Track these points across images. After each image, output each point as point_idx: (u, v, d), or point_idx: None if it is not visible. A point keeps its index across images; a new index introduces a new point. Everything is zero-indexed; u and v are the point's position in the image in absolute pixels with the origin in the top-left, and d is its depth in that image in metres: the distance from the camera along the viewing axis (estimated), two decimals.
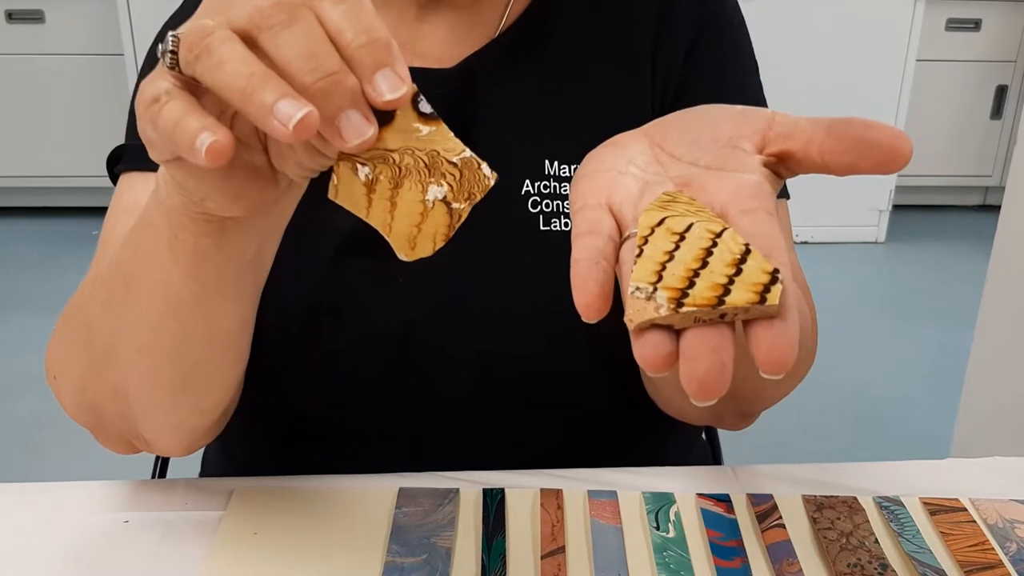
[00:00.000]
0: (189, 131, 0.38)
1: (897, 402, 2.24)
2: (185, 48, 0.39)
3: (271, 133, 0.37)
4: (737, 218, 0.38)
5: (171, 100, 0.39)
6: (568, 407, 0.71)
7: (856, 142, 0.38)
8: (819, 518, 0.63)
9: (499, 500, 0.64)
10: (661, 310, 0.34)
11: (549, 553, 0.59)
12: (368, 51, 0.39)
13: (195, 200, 0.46)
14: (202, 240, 0.49)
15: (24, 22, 2.95)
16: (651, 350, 0.34)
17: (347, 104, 0.38)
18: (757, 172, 0.40)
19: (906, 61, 2.95)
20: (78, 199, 3.15)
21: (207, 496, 0.64)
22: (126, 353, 0.57)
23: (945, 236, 3.17)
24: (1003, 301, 1.53)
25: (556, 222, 0.68)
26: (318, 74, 0.38)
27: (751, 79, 0.73)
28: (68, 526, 0.62)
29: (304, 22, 0.38)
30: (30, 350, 2.35)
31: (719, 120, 0.43)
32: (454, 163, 0.42)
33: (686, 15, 0.71)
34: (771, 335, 0.34)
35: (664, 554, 0.59)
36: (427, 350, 0.68)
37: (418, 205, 0.41)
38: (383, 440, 0.71)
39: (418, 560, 0.58)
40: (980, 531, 0.62)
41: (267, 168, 0.45)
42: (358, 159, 0.41)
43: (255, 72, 0.37)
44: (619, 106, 0.70)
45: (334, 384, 0.69)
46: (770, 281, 0.35)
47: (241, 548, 0.59)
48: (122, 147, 0.72)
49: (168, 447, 0.64)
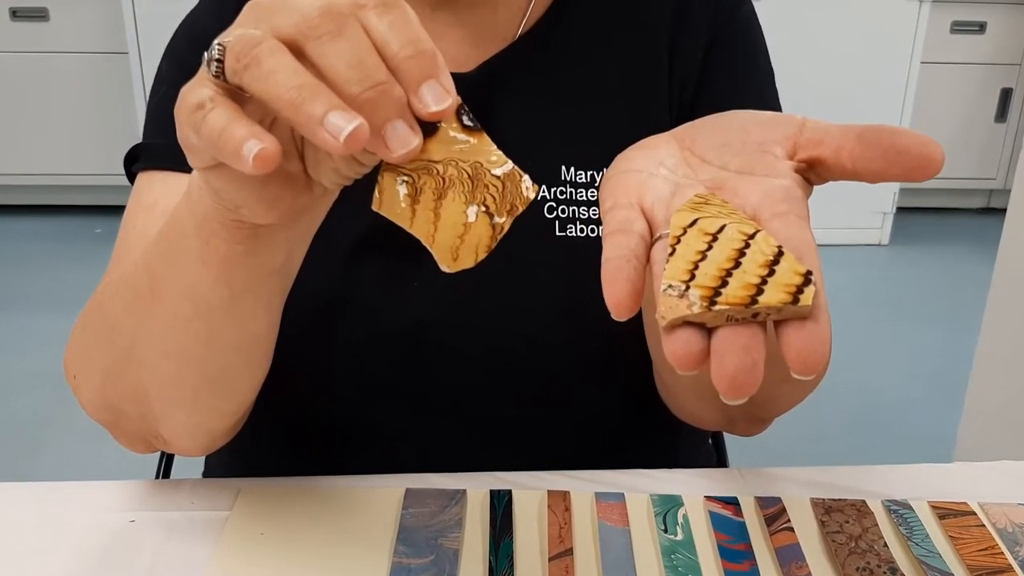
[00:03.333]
0: (236, 138, 0.38)
1: (901, 404, 2.24)
2: (232, 57, 0.39)
3: (321, 145, 0.37)
4: (768, 221, 0.38)
5: (216, 107, 0.39)
6: (577, 409, 0.70)
7: (887, 149, 0.38)
8: (828, 521, 0.62)
9: (506, 501, 0.63)
10: (694, 307, 0.35)
11: (557, 555, 0.59)
12: (414, 62, 0.39)
13: (229, 208, 0.46)
14: (234, 247, 0.49)
15: (28, 20, 2.96)
16: (682, 346, 0.34)
17: (394, 114, 0.38)
18: (788, 177, 0.40)
19: (911, 63, 2.95)
20: (82, 197, 3.16)
21: (213, 496, 0.64)
22: (150, 356, 0.57)
23: (949, 239, 3.17)
24: (1008, 304, 1.53)
25: (571, 228, 0.68)
26: (366, 84, 0.38)
27: (767, 83, 0.73)
28: (74, 526, 0.62)
29: (351, 32, 0.38)
30: (33, 348, 2.36)
31: (749, 125, 0.43)
32: (497, 175, 0.41)
33: (703, 17, 0.71)
34: (803, 335, 0.34)
35: (672, 557, 0.59)
36: (438, 350, 0.68)
37: (461, 216, 0.41)
38: (391, 439, 0.71)
39: (425, 561, 0.58)
40: (989, 535, 0.62)
41: (302, 176, 0.45)
42: (402, 170, 0.41)
43: (304, 83, 0.37)
44: (636, 112, 0.70)
45: (344, 382, 0.69)
46: (803, 283, 0.35)
47: (247, 548, 0.59)
48: (140, 146, 0.71)
49: (187, 447, 0.63)
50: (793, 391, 0.65)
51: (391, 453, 0.71)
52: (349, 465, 0.68)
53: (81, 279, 2.80)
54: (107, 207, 3.13)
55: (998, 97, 3.22)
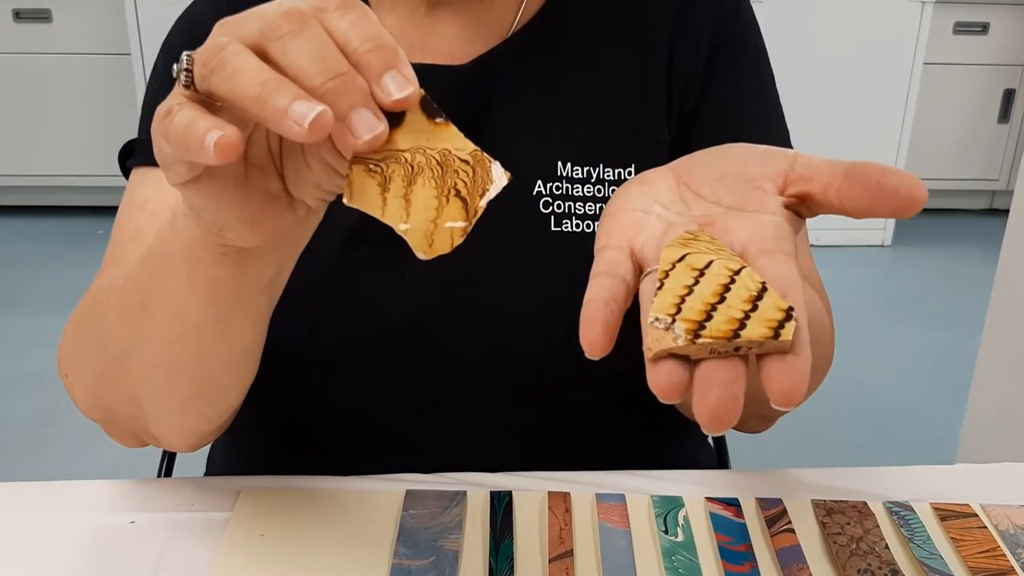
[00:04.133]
0: (199, 131, 0.39)
1: (903, 405, 2.23)
2: (199, 64, 0.40)
3: (287, 134, 0.38)
4: (756, 258, 0.39)
5: (182, 109, 0.40)
6: (575, 406, 0.70)
7: (873, 189, 0.39)
8: (829, 523, 0.62)
9: (506, 503, 0.63)
10: (679, 340, 0.36)
11: (557, 556, 0.58)
12: (375, 55, 0.40)
13: (213, 231, 0.46)
14: (220, 271, 0.50)
15: (31, 21, 2.96)
16: (665, 378, 0.36)
17: (357, 102, 0.39)
18: (778, 213, 0.41)
19: (913, 64, 2.94)
20: (85, 198, 3.16)
21: (214, 496, 0.64)
22: (140, 366, 0.58)
23: (952, 240, 3.16)
24: (1010, 305, 1.52)
25: (567, 223, 0.68)
26: (328, 75, 0.39)
27: (769, 85, 0.74)
28: (75, 526, 0.61)
29: (312, 31, 0.40)
30: (34, 348, 2.36)
31: (744, 159, 0.44)
32: (465, 160, 0.42)
33: (706, 20, 0.71)
34: (783, 369, 0.35)
35: (673, 558, 0.59)
36: (434, 346, 0.68)
37: (433, 201, 0.41)
38: (388, 436, 0.71)
39: (425, 563, 0.58)
40: (991, 537, 0.62)
41: (283, 195, 0.46)
42: (370, 160, 0.41)
43: (268, 79, 0.39)
44: (632, 108, 0.70)
45: (340, 379, 0.69)
46: (784, 318, 0.36)
47: (248, 549, 0.59)
48: (134, 141, 0.72)
49: (176, 445, 0.65)
50: None
51: (388, 449, 0.71)
52: (347, 461, 0.68)
53: (84, 280, 2.79)
54: (110, 208, 3.10)
55: (1001, 98, 3.21)
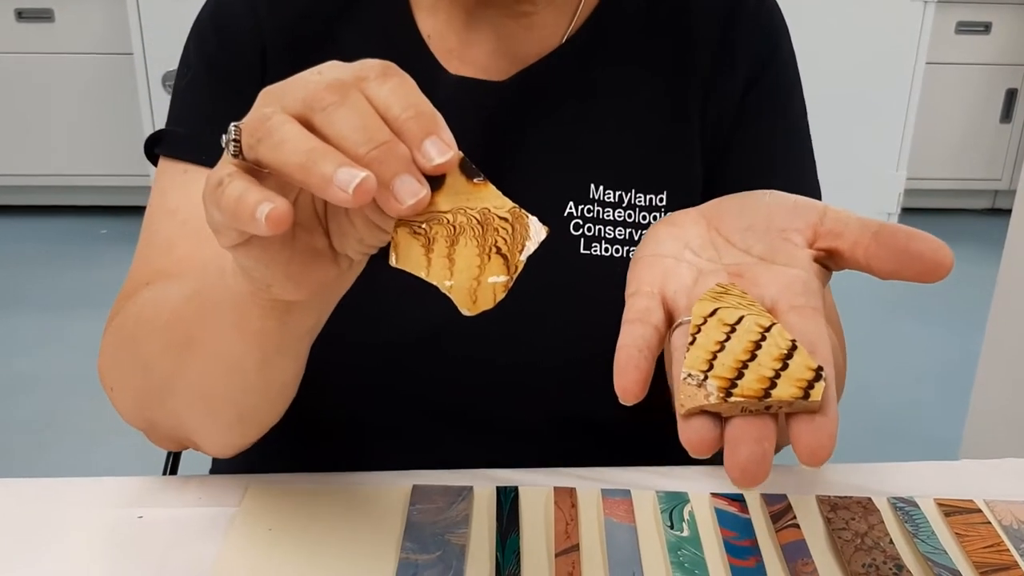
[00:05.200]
0: (250, 203, 0.40)
1: (906, 405, 2.24)
2: (247, 134, 0.42)
3: (333, 200, 0.39)
4: (785, 313, 0.40)
5: (233, 180, 0.41)
6: (589, 422, 0.70)
7: (900, 252, 0.40)
8: (833, 518, 0.62)
9: (513, 498, 0.63)
10: (711, 398, 0.37)
11: (563, 551, 0.59)
12: (416, 122, 0.41)
13: (261, 288, 0.48)
14: (267, 322, 0.52)
15: (34, 21, 2.96)
16: (698, 435, 0.37)
17: (401, 170, 0.40)
18: (807, 268, 0.42)
19: (915, 64, 2.94)
20: (87, 198, 3.16)
21: (221, 492, 0.64)
22: (184, 394, 0.60)
23: (954, 239, 3.11)
24: (1013, 304, 1.52)
25: (596, 247, 0.68)
26: (371, 144, 0.40)
27: (801, 126, 0.74)
28: (83, 521, 0.62)
29: (354, 101, 0.41)
30: (37, 348, 2.36)
31: (773, 209, 0.44)
32: (504, 217, 0.43)
33: (746, 54, 0.71)
34: (812, 429, 0.36)
35: (679, 553, 0.59)
36: (454, 358, 0.68)
37: (475, 259, 0.42)
38: (402, 444, 0.71)
39: (432, 557, 0.58)
40: (995, 532, 0.62)
41: (328, 251, 0.47)
42: (415, 223, 0.42)
43: (314, 148, 0.40)
44: (666, 135, 0.70)
45: (359, 386, 0.70)
46: (814, 378, 0.37)
47: (255, 544, 0.59)
48: (163, 130, 0.72)
49: (215, 453, 0.67)
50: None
51: (402, 456, 0.71)
52: (357, 465, 0.68)
53: (87, 279, 2.83)
54: (112, 207, 3.14)
55: (1003, 97, 3.21)
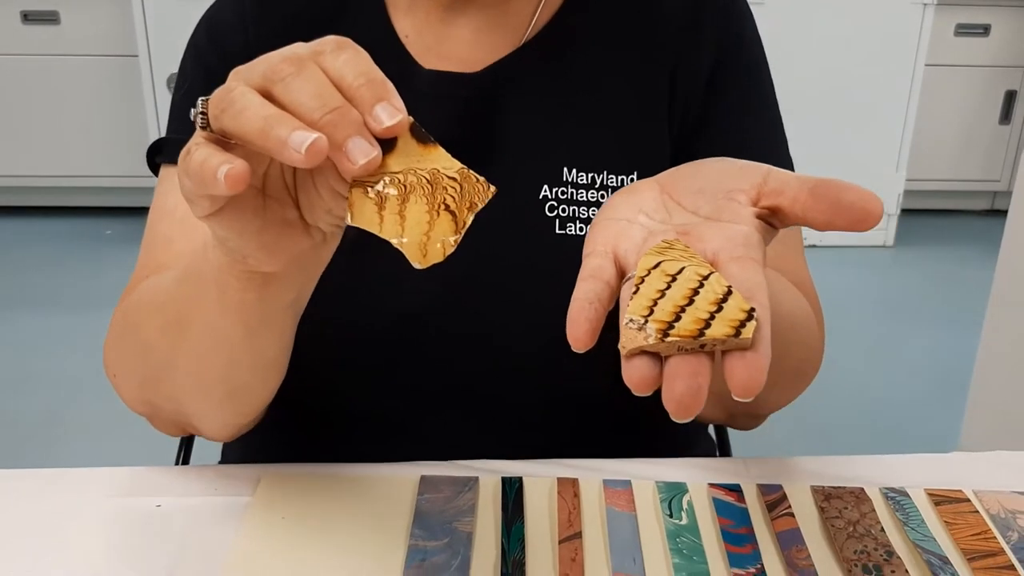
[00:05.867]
0: (212, 165, 0.43)
1: (904, 404, 2.25)
2: (213, 106, 0.45)
3: (288, 161, 0.42)
4: (726, 264, 0.42)
5: (199, 148, 0.45)
6: (578, 397, 0.73)
7: (833, 203, 0.43)
8: (827, 507, 0.65)
9: (517, 488, 0.66)
10: (650, 339, 0.39)
11: (566, 538, 0.61)
12: (367, 89, 0.44)
13: (238, 259, 0.51)
14: (247, 294, 0.55)
15: (39, 23, 2.98)
16: (638, 373, 0.40)
17: (352, 132, 0.44)
18: (749, 223, 0.44)
19: (915, 66, 2.96)
20: (93, 199, 3.18)
21: (235, 482, 0.67)
22: (180, 373, 0.63)
23: (953, 240, 3.18)
24: (1009, 304, 1.54)
25: (571, 226, 0.70)
26: (325, 109, 0.43)
27: (770, 104, 0.76)
28: (103, 509, 0.64)
29: (310, 71, 0.44)
30: (43, 347, 2.39)
31: (723, 173, 0.47)
32: (453, 177, 0.46)
33: (711, 38, 0.73)
34: (744, 365, 0.38)
35: (677, 540, 0.61)
36: (442, 338, 0.71)
37: (425, 216, 0.45)
38: (397, 428, 0.74)
39: (440, 543, 0.60)
40: (983, 521, 0.64)
41: (299, 222, 0.50)
42: (367, 183, 0.45)
43: (271, 114, 0.43)
44: (636, 119, 0.72)
45: (351, 371, 0.72)
46: (746, 318, 0.39)
47: (269, 531, 0.62)
48: (162, 140, 0.75)
49: (215, 436, 0.71)
50: (782, 393, 0.70)
51: (396, 440, 0.73)
52: (357, 448, 0.70)
53: (92, 280, 2.85)
54: (117, 208, 3.17)
55: (1002, 99, 3.23)
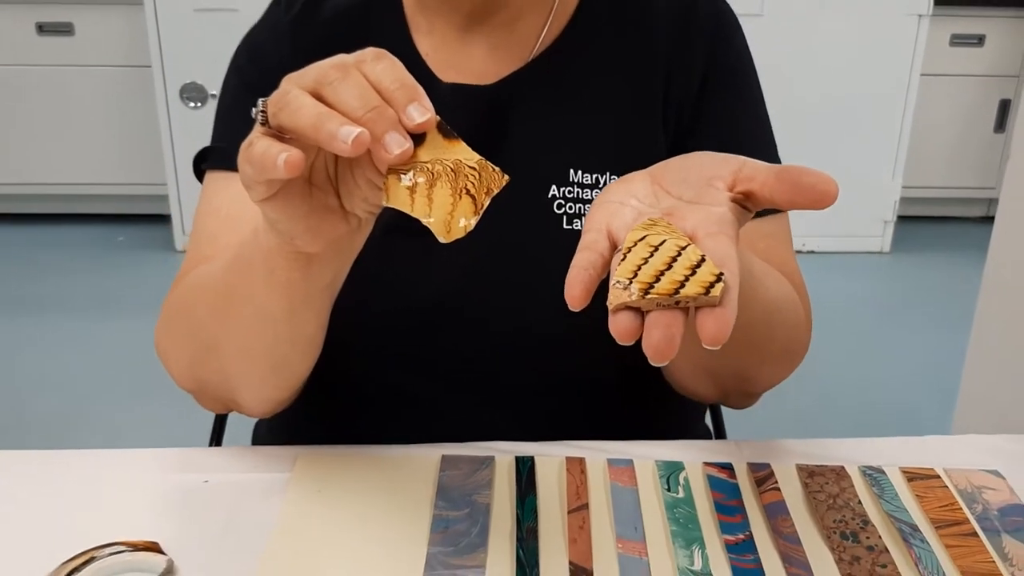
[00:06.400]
0: (272, 153, 0.52)
1: (901, 407, 2.31)
2: (272, 106, 0.53)
3: (336, 150, 0.51)
4: (703, 239, 0.50)
5: (260, 140, 0.53)
6: (580, 378, 0.80)
7: (795, 185, 0.51)
8: (810, 483, 0.71)
9: (530, 466, 0.73)
10: (632, 296, 0.47)
11: (575, 509, 0.68)
12: (401, 92, 0.53)
13: (286, 240, 0.59)
14: (292, 274, 0.63)
15: (54, 35, 3.05)
16: (622, 325, 0.47)
17: (389, 127, 0.52)
18: (724, 205, 0.52)
19: (911, 75, 3.03)
20: (106, 206, 3.26)
21: (274, 461, 0.74)
22: (227, 350, 0.71)
23: (949, 247, 3.24)
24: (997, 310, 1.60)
25: (577, 222, 0.78)
26: (366, 108, 0.52)
27: (759, 107, 0.84)
28: (156, 485, 0.71)
29: (354, 76, 0.53)
30: (56, 351, 2.45)
31: (704, 164, 0.55)
32: (472, 166, 0.54)
33: (700, 51, 0.80)
34: (712, 318, 0.46)
35: (675, 511, 0.68)
36: (460, 323, 0.78)
37: (449, 198, 0.53)
38: (417, 403, 0.81)
39: (461, 513, 0.67)
40: (951, 495, 0.71)
41: (339, 209, 0.59)
42: (400, 170, 0.54)
43: (322, 112, 0.51)
44: (633, 126, 0.80)
45: (378, 352, 0.80)
46: (715, 280, 0.47)
47: (309, 502, 0.69)
48: (207, 148, 0.83)
49: (256, 411, 0.78)
50: (773, 371, 0.77)
51: (417, 419, 0.80)
52: (377, 425, 0.78)
53: (104, 285, 2.93)
54: (129, 215, 3.24)
55: (997, 108, 3.29)
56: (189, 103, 2.92)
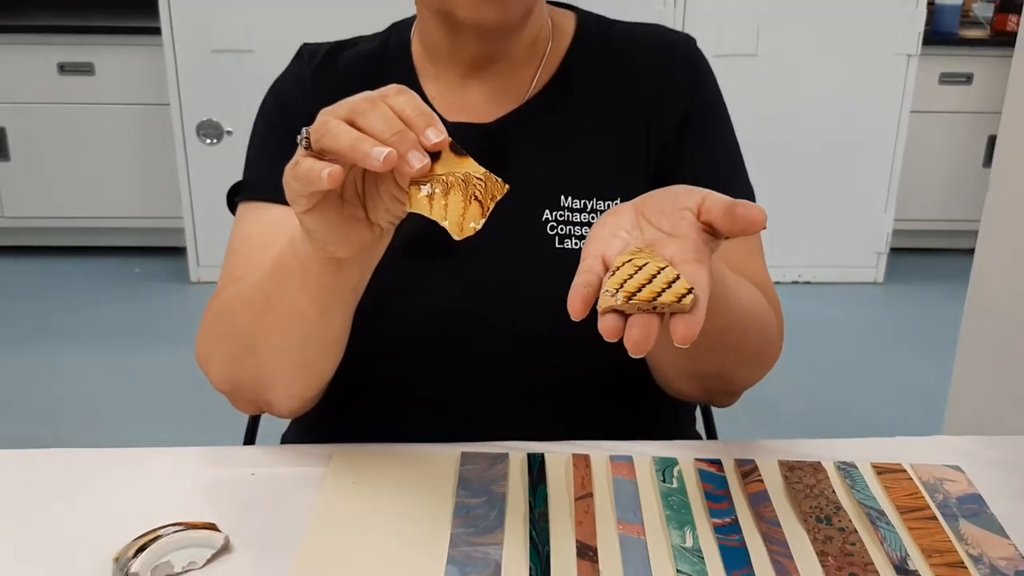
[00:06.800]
0: (316, 169, 0.64)
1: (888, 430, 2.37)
2: (314, 132, 0.66)
3: (369, 166, 0.62)
4: (679, 264, 0.61)
5: (305, 159, 0.65)
6: (576, 382, 0.90)
7: (730, 215, 0.62)
8: (790, 476, 0.80)
9: (540, 461, 0.81)
10: (618, 301, 0.59)
11: (581, 496, 0.77)
12: (420, 119, 0.65)
13: (320, 246, 0.71)
14: (324, 277, 0.74)
15: (75, 74, 3.13)
16: (608, 324, 0.59)
17: (410, 147, 0.63)
18: (696, 235, 0.63)
19: (901, 112, 3.13)
20: (123, 239, 3.35)
21: (311, 457, 0.83)
22: (263, 350, 0.81)
23: (939, 277, 3.32)
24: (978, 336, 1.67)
25: (568, 242, 0.88)
26: (392, 132, 0.64)
27: (732, 146, 0.94)
28: (209, 477, 0.80)
29: (381, 107, 0.65)
30: (76, 380, 2.53)
31: (676, 196, 0.66)
32: (479, 177, 0.66)
33: (679, 94, 0.91)
34: (684, 323, 0.58)
35: (669, 499, 0.77)
36: (467, 331, 0.88)
37: (461, 204, 0.65)
38: (430, 404, 0.90)
39: (481, 501, 0.76)
40: (915, 486, 0.80)
41: (365, 220, 0.71)
42: (420, 182, 0.66)
43: (357, 136, 0.63)
44: (619, 156, 0.91)
45: (393, 356, 0.89)
46: (687, 292, 0.59)
47: (345, 493, 0.78)
48: (239, 183, 0.94)
49: (285, 411, 0.87)
50: (749, 372, 0.87)
51: (425, 415, 0.90)
52: (395, 425, 0.88)
53: (121, 315, 3.02)
54: (146, 248, 3.33)
55: (986, 143, 3.38)
56: (205, 140, 3.01)
